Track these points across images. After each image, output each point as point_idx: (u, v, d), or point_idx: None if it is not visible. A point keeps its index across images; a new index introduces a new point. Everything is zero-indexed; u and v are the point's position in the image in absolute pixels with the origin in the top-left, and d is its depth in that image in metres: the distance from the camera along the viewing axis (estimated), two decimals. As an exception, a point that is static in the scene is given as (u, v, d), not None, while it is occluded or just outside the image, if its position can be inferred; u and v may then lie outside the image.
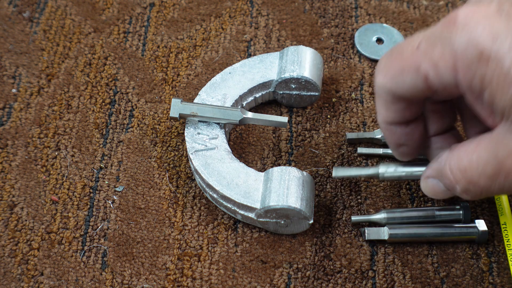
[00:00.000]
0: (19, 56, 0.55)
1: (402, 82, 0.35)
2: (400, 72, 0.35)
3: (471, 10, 0.33)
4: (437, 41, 0.33)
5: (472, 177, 0.34)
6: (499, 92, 0.32)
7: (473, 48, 0.32)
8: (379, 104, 0.38)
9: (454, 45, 0.32)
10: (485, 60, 0.32)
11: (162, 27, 0.57)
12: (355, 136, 0.49)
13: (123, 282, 0.44)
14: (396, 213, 0.45)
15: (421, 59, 0.34)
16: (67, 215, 0.47)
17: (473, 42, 0.32)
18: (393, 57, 0.36)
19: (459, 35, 0.32)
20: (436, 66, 0.33)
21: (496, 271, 0.44)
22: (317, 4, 0.58)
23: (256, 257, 0.45)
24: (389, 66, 0.36)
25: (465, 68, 0.32)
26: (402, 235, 0.44)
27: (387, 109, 0.38)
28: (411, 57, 0.35)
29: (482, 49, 0.31)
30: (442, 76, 0.34)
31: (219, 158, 0.46)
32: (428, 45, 0.34)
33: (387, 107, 0.38)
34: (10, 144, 0.50)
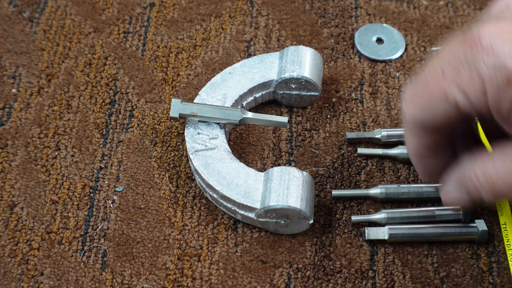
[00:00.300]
0: (19, 56, 0.55)
1: (432, 111, 0.35)
2: (429, 101, 0.34)
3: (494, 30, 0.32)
4: (462, 66, 0.33)
5: (500, 186, 0.34)
6: None
7: (501, 72, 0.31)
8: (409, 137, 0.38)
9: (481, 70, 0.32)
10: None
11: (162, 27, 0.57)
12: (355, 136, 0.49)
13: (123, 282, 0.44)
14: (396, 213, 0.45)
15: (448, 86, 0.33)
16: (67, 215, 0.47)
17: (501, 66, 0.31)
18: (419, 87, 0.35)
19: (486, 59, 0.32)
20: (465, 92, 0.33)
21: (496, 271, 0.44)
22: (317, 4, 0.58)
23: (256, 257, 0.45)
24: (416, 97, 0.35)
25: (494, 92, 0.32)
26: (402, 235, 0.44)
27: (418, 142, 0.37)
28: (437, 85, 0.34)
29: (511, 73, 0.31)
30: (472, 101, 0.33)
31: (219, 158, 0.46)
32: (454, 71, 0.33)
33: (418, 139, 0.37)
34: (10, 144, 0.50)
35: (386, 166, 0.49)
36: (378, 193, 0.46)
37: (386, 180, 0.48)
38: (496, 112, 0.33)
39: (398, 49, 0.55)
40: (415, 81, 0.35)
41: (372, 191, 0.46)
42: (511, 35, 0.32)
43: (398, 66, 0.54)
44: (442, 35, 0.56)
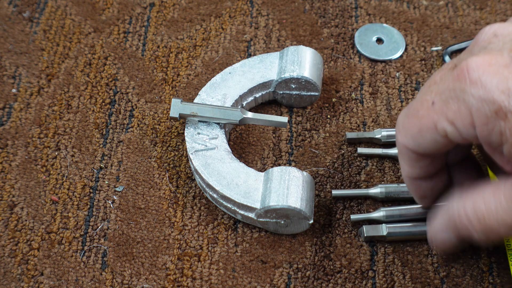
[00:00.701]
0: (19, 56, 0.55)
1: (423, 141, 0.35)
2: (419, 131, 0.35)
3: (482, 62, 0.33)
4: (451, 98, 0.33)
5: (492, 224, 0.34)
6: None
7: (489, 105, 0.32)
8: (403, 162, 0.38)
9: (469, 102, 0.32)
10: (502, 115, 0.31)
11: (162, 27, 0.57)
12: (355, 136, 0.49)
13: (123, 282, 0.44)
14: (394, 211, 0.45)
15: (437, 117, 0.34)
16: (67, 215, 0.47)
17: (489, 99, 0.31)
18: (410, 117, 0.36)
19: (474, 91, 0.32)
20: (454, 123, 0.33)
21: (496, 271, 0.44)
22: (317, 4, 0.58)
23: (256, 257, 0.45)
24: (407, 126, 0.36)
25: (482, 123, 0.32)
26: (400, 233, 0.44)
27: (411, 166, 0.38)
28: (427, 115, 0.34)
29: (499, 105, 0.31)
30: (461, 132, 0.33)
31: (219, 158, 0.46)
32: (442, 102, 0.34)
33: (411, 164, 0.38)
34: (10, 144, 0.50)
35: (386, 166, 0.49)
36: (378, 192, 0.46)
37: (386, 180, 0.48)
38: (486, 144, 0.34)
39: (398, 49, 0.55)
40: (407, 110, 0.36)
41: (372, 190, 0.46)
42: (498, 68, 0.32)
43: (398, 66, 0.54)
44: (442, 35, 0.56)
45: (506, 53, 0.33)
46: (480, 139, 0.33)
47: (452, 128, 0.33)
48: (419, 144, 0.36)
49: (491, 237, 0.35)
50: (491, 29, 0.35)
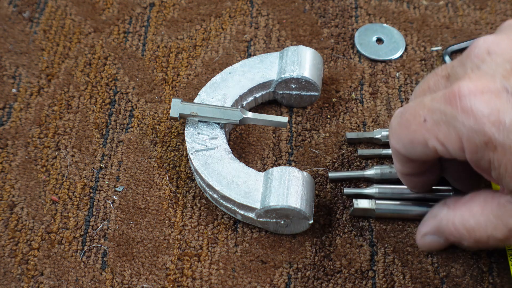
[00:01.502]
0: (19, 56, 0.55)
1: (414, 151, 0.36)
2: (410, 142, 0.36)
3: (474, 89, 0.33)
4: (442, 120, 0.34)
5: (481, 237, 0.35)
6: (507, 177, 0.33)
7: (479, 135, 0.32)
8: (395, 161, 0.40)
9: (459, 130, 0.33)
10: (492, 147, 0.32)
11: (162, 27, 0.57)
12: (355, 136, 0.49)
13: (123, 282, 0.44)
14: (387, 189, 0.46)
15: (428, 135, 0.34)
16: (67, 215, 0.47)
17: (479, 130, 0.32)
18: (402, 127, 0.36)
19: (465, 119, 0.32)
20: (444, 145, 0.34)
21: (496, 271, 0.44)
22: (317, 4, 0.58)
23: (256, 257, 0.45)
24: (400, 135, 0.37)
25: (472, 151, 0.33)
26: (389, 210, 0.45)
27: (403, 166, 0.39)
28: (418, 130, 0.35)
29: (489, 137, 0.32)
30: (450, 152, 0.34)
31: (219, 158, 0.46)
32: (434, 123, 0.34)
33: (403, 164, 0.39)
34: (10, 144, 0.50)
35: (386, 166, 0.49)
36: (373, 174, 0.47)
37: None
38: (475, 166, 0.34)
39: (398, 49, 0.55)
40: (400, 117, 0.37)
41: (367, 172, 0.47)
42: (490, 96, 0.32)
43: (398, 66, 0.54)
44: (442, 35, 0.56)
45: (499, 79, 0.33)
46: (469, 162, 0.34)
47: (442, 148, 0.34)
48: (410, 152, 0.36)
49: (480, 247, 0.36)
50: (485, 44, 0.35)
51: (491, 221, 0.35)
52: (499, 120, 0.31)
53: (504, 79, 0.33)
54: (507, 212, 0.34)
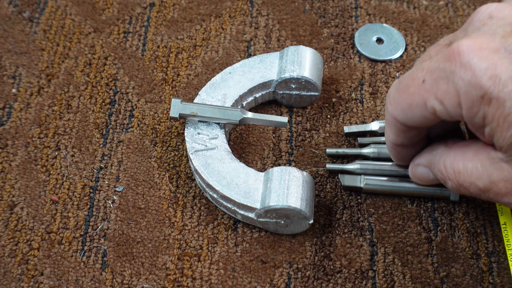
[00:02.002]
0: (19, 56, 0.55)
1: (412, 115, 0.37)
2: (409, 106, 0.37)
3: (473, 45, 0.33)
4: (441, 78, 0.34)
5: (464, 182, 0.37)
6: (499, 131, 0.34)
7: (476, 89, 0.33)
8: (389, 131, 0.40)
9: (457, 84, 0.34)
10: (487, 100, 0.33)
11: (162, 27, 0.57)
12: (355, 130, 0.50)
13: (123, 282, 0.44)
14: (369, 165, 0.47)
15: (427, 95, 0.35)
16: (67, 215, 0.47)
17: (476, 83, 0.33)
18: (401, 92, 0.37)
19: (463, 74, 0.33)
20: (442, 102, 0.35)
21: (496, 271, 0.44)
22: (317, 4, 0.58)
23: (256, 257, 0.45)
24: (398, 100, 0.38)
25: (468, 106, 0.34)
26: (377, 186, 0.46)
27: (397, 135, 0.40)
28: (417, 92, 0.36)
29: (485, 90, 0.33)
30: (449, 111, 0.35)
31: (219, 158, 0.46)
32: (433, 81, 0.35)
33: (397, 134, 0.40)
34: (10, 144, 0.50)
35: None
36: (370, 152, 0.48)
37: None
38: (470, 123, 0.35)
39: (398, 49, 0.55)
40: (399, 83, 0.38)
41: (365, 150, 0.48)
42: (488, 52, 0.33)
43: (398, 66, 0.54)
44: (442, 35, 0.56)
45: (498, 38, 0.34)
46: (465, 119, 0.35)
47: (441, 106, 0.35)
48: (408, 117, 0.37)
49: (462, 192, 0.38)
50: (487, 9, 0.36)
51: (477, 170, 0.36)
52: (496, 74, 0.32)
53: (503, 39, 0.33)
54: (493, 165, 0.36)
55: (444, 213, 0.46)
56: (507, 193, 0.36)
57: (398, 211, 0.46)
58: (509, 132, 0.33)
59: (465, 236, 0.45)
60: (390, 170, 0.47)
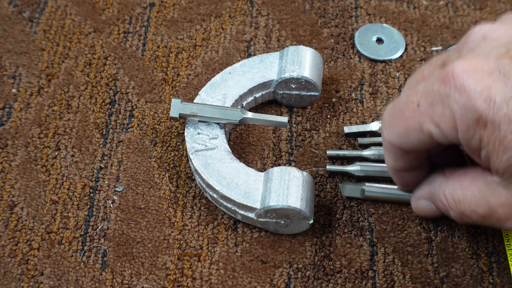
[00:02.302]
0: (19, 56, 0.55)
1: (408, 140, 0.37)
2: (405, 131, 0.36)
3: (468, 66, 0.33)
4: (436, 101, 0.34)
5: (465, 210, 0.37)
6: (495, 155, 0.33)
7: (471, 112, 0.33)
8: (388, 156, 0.40)
9: (453, 108, 0.33)
10: (482, 124, 0.33)
11: (162, 27, 0.57)
12: (355, 130, 0.50)
13: (123, 282, 0.44)
14: (369, 166, 0.47)
15: (423, 118, 0.35)
16: (67, 215, 0.47)
17: (471, 106, 0.32)
18: (396, 116, 0.37)
19: (457, 97, 0.33)
20: (438, 126, 0.35)
21: (496, 271, 0.44)
22: (317, 4, 0.58)
23: (256, 257, 0.45)
24: (393, 125, 0.37)
25: (464, 129, 0.34)
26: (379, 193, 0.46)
27: (396, 160, 0.40)
28: (413, 116, 0.36)
29: (480, 113, 0.32)
30: (445, 134, 0.35)
31: (219, 158, 0.46)
32: (428, 105, 0.35)
33: (396, 159, 0.40)
34: (10, 144, 0.50)
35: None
36: (371, 154, 0.48)
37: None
38: (466, 147, 0.35)
39: (398, 49, 0.55)
40: (392, 108, 0.37)
41: (365, 152, 0.48)
42: (483, 74, 0.33)
43: (398, 66, 0.54)
44: (442, 35, 0.56)
45: (492, 60, 0.33)
46: (462, 142, 0.35)
47: (437, 130, 0.35)
48: (404, 142, 0.37)
49: (465, 220, 0.38)
50: (481, 30, 0.36)
51: (476, 197, 0.36)
52: (490, 97, 0.32)
53: (497, 60, 0.33)
54: (490, 190, 0.35)
55: (444, 213, 0.46)
56: (507, 218, 0.35)
57: (398, 211, 0.46)
58: (505, 156, 0.33)
59: (465, 236, 0.45)
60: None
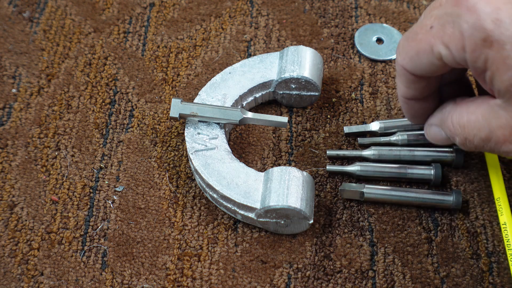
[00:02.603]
0: (19, 56, 0.55)
1: (420, 63, 0.38)
2: (417, 53, 0.38)
3: None
4: (447, 22, 0.36)
5: (468, 135, 0.39)
6: (498, 74, 0.35)
7: (479, 31, 0.34)
8: (400, 82, 0.41)
9: (462, 27, 0.35)
10: (489, 43, 0.34)
11: (162, 27, 0.57)
12: (355, 130, 0.50)
13: (123, 282, 0.44)
14: (369, 167, 0.47)
15: (434, 40, 0.37)
16: (67, 215, 0.47)
17: (480, 26, 0.34)
18: (410, 40, 0.39)
19: (468, 17, 0.34)
20: (448, 47, 0.36)
21: (496, 271, 0.44)
22: (317, 4, 0.58)
23: (256, 257, 0.45)
24: (407, 48, 0.39)
25: (471, 49, 0.35)
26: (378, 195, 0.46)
27: (408, 87, 0.41)
28: (425, 38, 0.37)
29: (487, 33, 0.34)
30: (454, 55, 0.36)
31: (219, 158, 0.46)
32: (440, 26, 0.36)
33: (408, 85, 0.41)
34: (10, 144, 0.50)
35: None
36: (371, 154, 0.48)
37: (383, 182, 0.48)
38: (473, 69, 0.36)
39: (398, 49, 0.55)
40: (408, 33, 0.39)
41: (365, 152, 0.48)
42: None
43: (398, 66, 0.54)
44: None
45: None
46: (469, 64, 0.36)
47: (447, 51, 0.36)
48: (416, 65, 0.39)
49: (468, 146, 0.39)
50: None
51: (479, 121, 0.38)
52: (499, 18, 0.34)
53: None
54: (492, 113, 0.37)
55: (444, 213, 0.46)
56: (505, 140, 0.37)
57: (398, 211, 0.46)
58: (506, 75, 0.34)
59: (465, 236, 0.45)
60: (390, 172, 0.47)
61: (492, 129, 0.37)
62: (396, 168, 0.47)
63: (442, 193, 0.46)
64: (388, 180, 0.47)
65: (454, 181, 0.47)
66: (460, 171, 0.48)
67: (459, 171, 0.48)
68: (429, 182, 0.47)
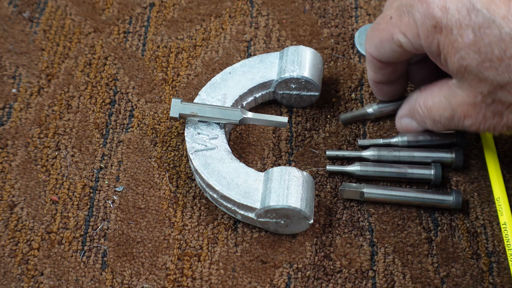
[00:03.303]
0: (19, 56, 0.55)
1: (383, 51, 0.42)
2: (380, 42, 0.42)
3: None
4: (403, 12, 0.40)
5: (435, 116, 0.42)
6: (449, 56, 0.38)
7: (429, 19, 0.38)
8: (369, 68, 0.45)
9: (415, 16, 0.39)
10: (439, 29, 0.38)
11: (162, 27, 0.57)
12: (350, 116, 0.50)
13: (123, 282, 0.44)
14: (369, 166, 0.47)
15: (393, 29, 0.41)
16: (67, 215, 0.47)
17: (430, 14, 0.38)
18: (374, 29, 0.43)
19: (419, 7, 0.38)
20: (405, 35, 0.40)
21: (496, 271, 0.44)
22: (317, 4, 0.58)
23: (256, 257, 0.45)
24: (372, 37, 0.43)
25: (425, 35, 0.39)
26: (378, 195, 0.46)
27: (376, 72, 0.45)
28: (386, 28, 0.41)
29: (436, 20, 0.38)
30: (411, 42, 0.40)
31: (219, 158, 0.46)
32: (397, 16, 0.40)
33: (376, 71, 0.45)
34: (10, 144, 0.50)
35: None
36: (370, 155, 0.48)
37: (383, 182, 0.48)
38: (429, 53, 0.40)
39: (398, 49, 0.55)
40: (373, 24, 0.43)
41: (365, 153, 0.48)
42: None
43: (398, 66, 0.54)
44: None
45: None
46: (425, 49, 0.40)
47: (405, 39, 0.40)
48: (380, 53, 0.43)
49: (438, 127, 0.43)
50: None
51: (442, 101, 0.41)
52: (445, 6, 0.37)
53: None
54: (451, 93, 0.41)
55: (444, 213, 0.46)
56: (465, 116, 0.40)
57: (398, 211, 0.46)
58: (455, 57, 0.38)
59: (465, 236, 0.45)
60: (390, 172, 0.47)
61: (453, 107, 0.40)
62: (396, 168, 0.47)
63: (442, 193, 0.46)
64: (388, 180, 0.47)
65: (454, 181, 0.47)
66: (460, 171, 0.48)
67: (459, 171, 0.48)
68: (429, 182, 0.47)
